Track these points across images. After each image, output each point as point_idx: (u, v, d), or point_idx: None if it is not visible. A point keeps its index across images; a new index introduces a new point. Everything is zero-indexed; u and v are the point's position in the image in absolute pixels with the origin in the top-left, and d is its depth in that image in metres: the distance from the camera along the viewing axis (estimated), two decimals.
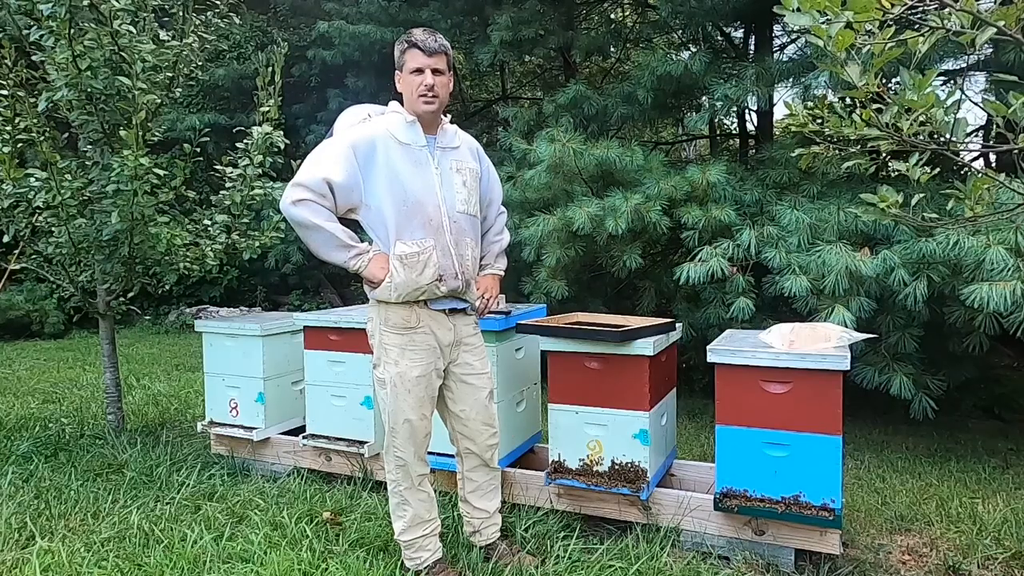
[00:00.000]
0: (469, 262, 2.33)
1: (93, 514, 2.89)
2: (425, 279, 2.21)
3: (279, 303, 10.10)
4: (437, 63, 2.22)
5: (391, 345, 2.26)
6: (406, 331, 2.26)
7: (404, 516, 2.33)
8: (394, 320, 2.26)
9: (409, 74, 2.24)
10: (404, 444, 2.28)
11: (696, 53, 4.94)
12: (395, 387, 2.25)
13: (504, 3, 6.57)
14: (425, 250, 2.20)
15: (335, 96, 9.23)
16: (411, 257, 2.19)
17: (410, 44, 2.23)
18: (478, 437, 2.43)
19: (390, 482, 2.34)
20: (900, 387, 3.61)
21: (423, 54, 2.21)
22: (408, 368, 2.25)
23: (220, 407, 3.56)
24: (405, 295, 2.22)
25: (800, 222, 3.87)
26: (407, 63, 2.24)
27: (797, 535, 2.41)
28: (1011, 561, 2.51)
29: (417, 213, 2.21)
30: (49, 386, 5.70)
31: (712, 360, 2.45)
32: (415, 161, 2.24)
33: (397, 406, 2.25)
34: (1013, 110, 1.51)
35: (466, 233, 2.33)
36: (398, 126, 2.25)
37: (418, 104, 2.24)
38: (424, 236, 2.22)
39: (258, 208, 4.02)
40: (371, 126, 2.26)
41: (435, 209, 2.24)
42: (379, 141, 2.22)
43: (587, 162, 4.41)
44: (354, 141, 2.22)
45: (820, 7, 1.39)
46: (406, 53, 2.24)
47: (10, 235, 3.62)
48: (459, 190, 2.30)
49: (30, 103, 3.38)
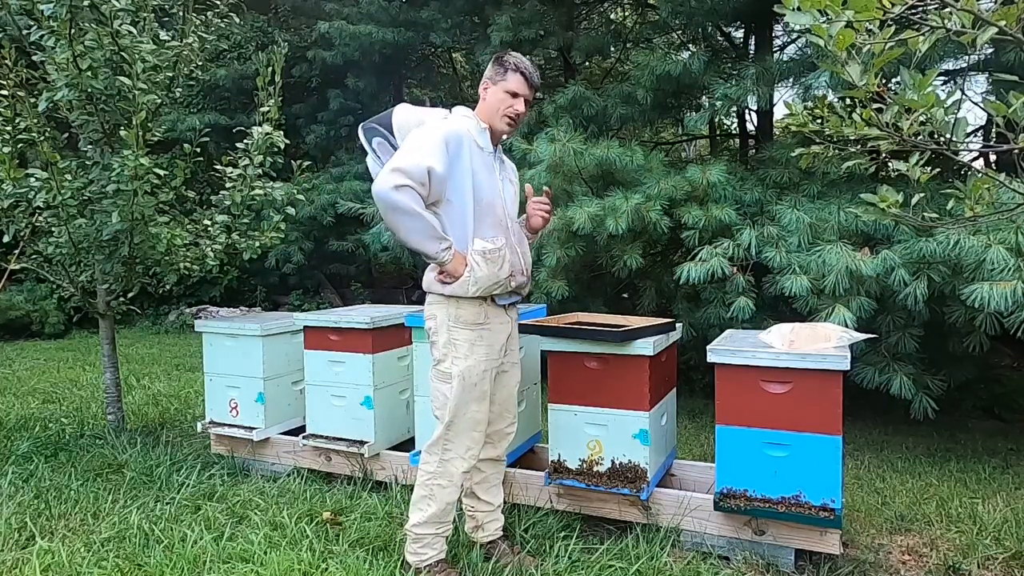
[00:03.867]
0: (529, 258, 2.50)
1: (93, 514, 2.89)
2: (504, 273, 2.31)
3: (279, 303, 10.11)
4: (531, 96, 2.38)
5: (462, 340, 2.30)
6: (476, 327, 2.32)
7: (424, 511, 2.32)
8: (465, 316, 2.31)
9: (504, 93, 2.33)
10: (460, 436, 2.31)
11: (696, 53, 4.94)
12: (463, 381, 2.28)
13: (504, 3, 6.57)
14: (501, 247, 2.30)
15: (335, 96, 9.24)
16: (492, 253, 2.27)
17: (517, 68, 2.33)
18: (501, 423, 2.49)
19: (424, 474, 2.34)
20: (900, 387, 3.61)
21: (527, 84, 2.34)
22: (477, 363, 2.31)
23: (220, 407, 3.56)
24: (484, 289, 2.28)
25: (800, 222, 3.87)
26: (507, 83, 2.32)
27: (797, 535, 2.41)
28: (1011, 561, 2.51)
29: (489, 213, 2.31)
30: (49, 386, 5.70)
31: (712, 360, 2.45)
32: (487, 166, 2.35)
33: (463, 399, 2.29)
34: (1013, 110, 1.51)
35: (522, 234, 2.50)
36: (476, 130, 2.34)
37: (501, 122, 2.35)
38: (496, 235, 2.31)
39: (258, 208, 4.02)
40: (458, 123, 2.32)
41: (502, 210, 2.37)
42: (465, 140, 2.28)
43: (587, 162, 4.42)
44: (446, 135, 2.25)
45: (820, 6, 1.39)
46: (509, 74, 2.33)
47: (10, 235, 3.62)
48: (513, 198, 2.47)
49: (30, 103, 3.37)
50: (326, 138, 9.48)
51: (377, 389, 3.18)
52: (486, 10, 6.98)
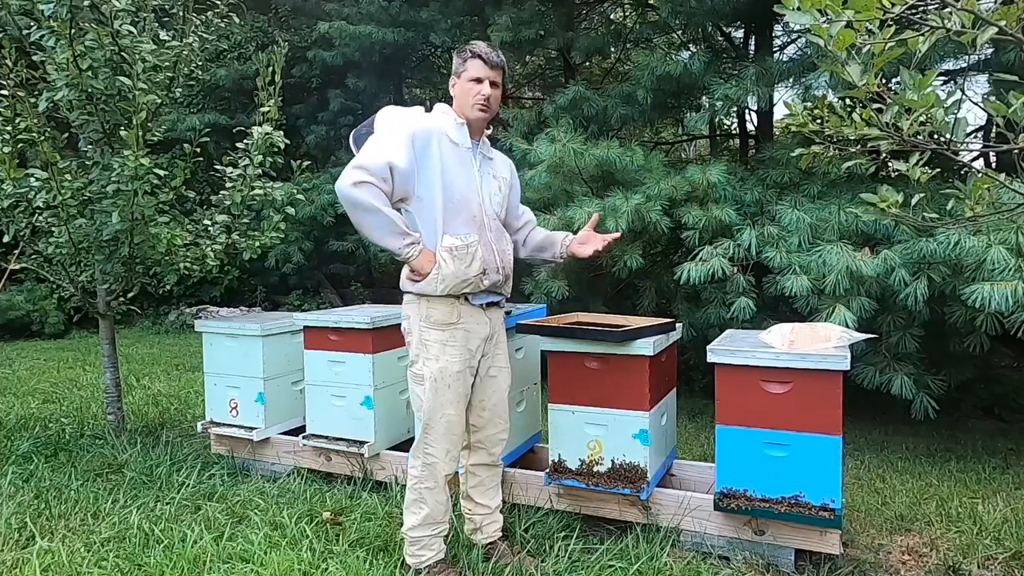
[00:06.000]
0: (509, 256, 2.45)
1: (93, 514, 2.89)
2: (472, 271, 2.27)
3: (279, 303, 10.10)
4: (495, 76, 2.33)
5: (432, 341, 2.29)
6: (447, 327, 2.29)
7: (418, 514, 2.33)
8: (436, 316, 2.29)
9: (468, 81, 2.32)
10: (438, 440, 2.29)
11: (696, 53, 4.94)
12: (435, 383, 2.27)
13: (504, 4, 6.57)
14: (471, 244, 2.27)
15: (335, 96, 9.23)
16: (460, 249, 2.25)
17: (473, 54, 2.32)
18: (491, 429, 2.47)
19: (411, 478, 2.34)
20: (901, 387, 3.61)
21: (486, 66, 2.31)
22: (449, 364, 2.28)
23: (220, 407, 3.56)
24: (452, 287, 2.26)
25: (801, 222, 3.87)
26: (468, 71, 2.32)
27: (797, 535, 2.41)
28: (1011, 561, 2.51)
29: (463, 209, 2.29)
30: (49, 386, 5.70)
31: (712, 360, 2.45)
32: (462, 161, 2.33)
33: (436, 402, 2.27)
34: (1013, 110, 1.51)
35: (503, 231, 2.46)
36: (450, 126, 2.33)
37: (472, 111, 2.32)
38: (469, 231, 2.29)
39: (258, 208, 4.02)
40: (428, 119, 2.33)
41: (478, 207, 2.33)
42: (435, 135, 2.28)
43: (587, 162, 4.42)
44: (413, 131, 2.25)
45: (821, 6, 1.39)
46: (468, 62, 2.32)
47: (10, 235, 3.62)
48: (494, 194, 2.42)
49: (30, 103, 3.37)
50: (326, 138, 9.47)
51: (377, 389, 3.18)
52: (486, 10, 6.98)
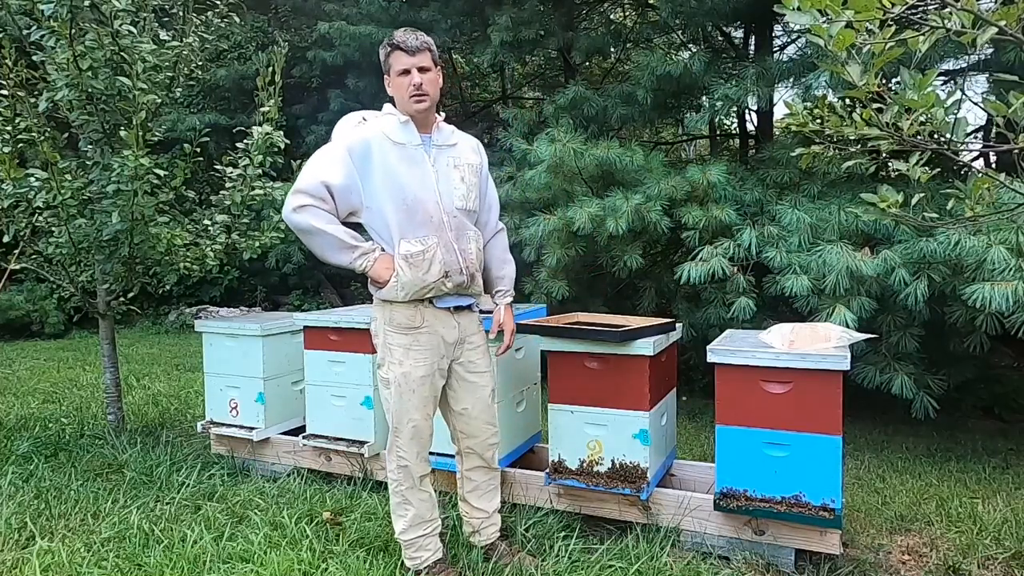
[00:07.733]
0: (473, 256, 2.32)
1: (93, 514, 2.89)
2: (432, 276, 2.22)
3: (279, 303, 10.10)
4: (421, 61, 2.22)
5: (396, 345, 2.27)
6: (411, 331, 2.26)
7: (405, 516, 2.33)
8: (399, 320, 2.26)
9: (397, 76, 2.24)
10: (407, 444, 2.28)
11: (696, 53, 4.93)
12: (400, 387, 2.25)
13: (504, 4, 6.56)
14: (429, 248, 2.21)
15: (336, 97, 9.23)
16: (416, 256, 2.20)
17: (393, 47, 2.24)
18: (479, 435, 2.43)
19: (391, 482, 2.34)
20: (901, 387, 3.61)
21: (407, 54, 2.21)
22: (413, 368, 2.25)
23: (220, 407, 3.56)
24: (412, 294, 2.22)
25: (801, 222, 3.87)
26: (393, 66, 2.25)
27: (797, 535, 2.41)
28: (1011, 561, 2.51)
29: (417, 211, 2.22)
30: (49, 386, 5.70)
31: (712, 360, 2.44)
32: (411, 160, 2.24)
33: (401, 406, 2.26)
34: (1013, 110, 1.51)
35: (467, 228, 2.33)
36: (392, 127, 2.26)
37: (410, 104, 2.24)
38: (426, 234, 2.22)
39: (258, 208, 4.02)
40: (365, 128, 2.27)
41: (434, 206, 2.24)
42: (374, 142, 2.22)
43: (587, 162, 4.41)
44: (349, 144, 2.23)
45: (820, 6, 1.39)
46: (391, 56, 2.25)
47: (10, 235, 3.62)
48: (457, 186, 2.30)
49: (30, 103, 3.38)
50: (326, 138, 9.31)
51: (377, 389, 3.18)
52: (486, 10, 6.97)
